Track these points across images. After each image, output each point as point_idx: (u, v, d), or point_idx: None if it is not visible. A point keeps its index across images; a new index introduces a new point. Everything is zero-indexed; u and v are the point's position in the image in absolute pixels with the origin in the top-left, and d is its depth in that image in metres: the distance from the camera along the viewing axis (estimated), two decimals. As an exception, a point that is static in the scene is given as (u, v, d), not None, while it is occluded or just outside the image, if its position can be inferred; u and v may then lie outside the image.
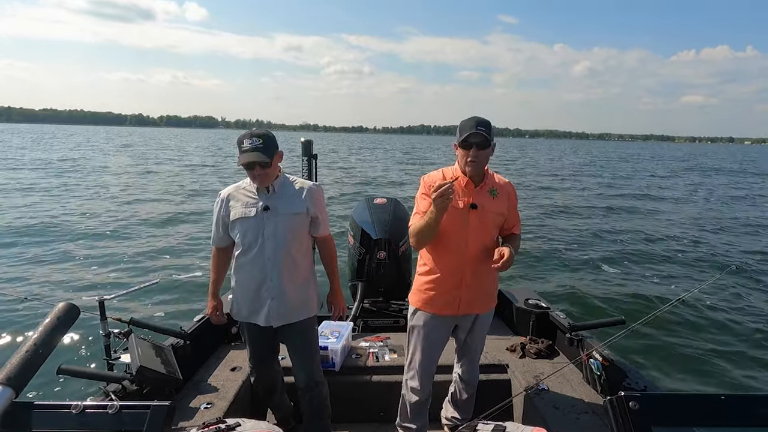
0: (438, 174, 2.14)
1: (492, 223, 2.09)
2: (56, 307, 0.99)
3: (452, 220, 2.00)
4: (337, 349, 2.71)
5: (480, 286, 2.11)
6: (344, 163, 33.53)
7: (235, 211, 2.11)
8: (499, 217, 2.10)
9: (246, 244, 2.10)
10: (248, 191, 2.14)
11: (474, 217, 2.03)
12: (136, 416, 0.81)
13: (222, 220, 2.16)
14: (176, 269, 7.40)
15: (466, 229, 2.03)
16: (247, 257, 2.11)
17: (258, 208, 2.08)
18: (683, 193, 19.42)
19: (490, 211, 2.06)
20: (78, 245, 8.78)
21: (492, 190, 2.10)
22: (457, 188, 2.01)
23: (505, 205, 2.11)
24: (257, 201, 2.10)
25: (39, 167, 22.92)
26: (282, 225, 2.08)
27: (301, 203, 2.13)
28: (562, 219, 12.64)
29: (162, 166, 27.06)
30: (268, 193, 2.11)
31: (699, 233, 11.06)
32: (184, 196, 15.65)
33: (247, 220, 2.08)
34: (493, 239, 2.11)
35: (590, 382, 2.54)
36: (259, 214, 2.08)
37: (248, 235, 2.09)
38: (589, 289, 6.84)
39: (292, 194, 2.14)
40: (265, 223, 2.07)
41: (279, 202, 2.10)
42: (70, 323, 0.99)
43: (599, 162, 42.09)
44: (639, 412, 0.77)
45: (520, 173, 27.32)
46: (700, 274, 7.68)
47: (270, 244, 2.08)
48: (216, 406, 2.32)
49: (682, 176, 29.13)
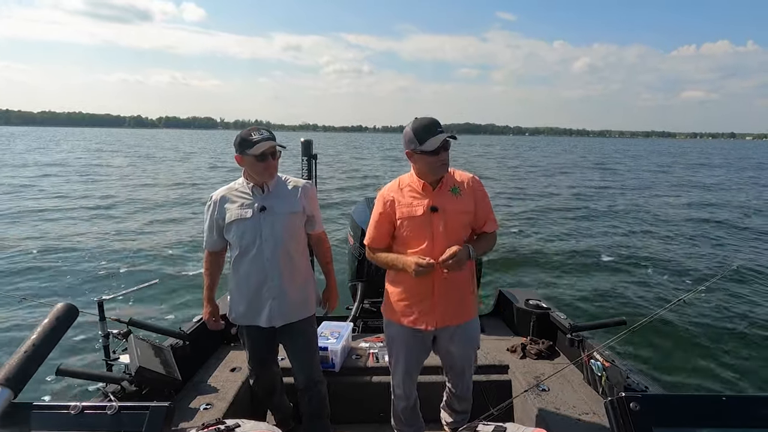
0: (394, 184, 2.04)
1: (458, 225, 1.95)
2: (55, 308, 0.99)
3: (414, 227, 1.91)
4: (337, 349, 2.70)
5: (453, 294, 1.98)
6: (343, 163, 33.51)
7: (231, 212, 2.06)
8: (465, 216, 1.97)
9: (244, 246, 2.06)
10: (242, 192, 2.10)
11: (437, 220, 1.91)
12: (135, 417, 0.81)
13: (216, 223, 2.11)
14: (176, 269, 7.41)
15: (430, 235, 1.91)
16: (246, 259, 2.07)
17: (254, 208, 2.05)
18: (684, 192, 19.40)
19: (453, 211, 1.93)
20: (77, 245, 8.77)
21: (454, 188, 1.97)
22: (414, 193, 1.95)
23: (471, 202, 1.97)
24: (253, 201, 2.07)
25: (63, 174, 22.01)
26: (279, 225, 2.06)
27: (297, 202, 2.11)
28: (562, 219, 12.64)
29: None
30: (263, 193, 2.08)
31: (701, 233, 11.06)
32: (184, 195, 15.65)
33: (244, 221, 2.05)
34: (462, 241, 1.95)
35: (591, 383, 2.53)
36: (255, 215, 2.05)
37: (246, 236, 2.05)
38: (590, 289, 6.84)
39: (288, 193, 2.12)
40: (263, 224, 2.04)
41: (275, 202, 2.07)
42: (69, 323, 0.99)
43: (596, 158, 42.23)
44: (640, 413, 0.77)
45: (515, 173, 27.31)
46: (701, 274, 7.66)
47: (268, 245, 2.05)
48: (215, 407, 2.31)
49: (681, 173, 29.04)
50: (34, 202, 13.63)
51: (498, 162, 38.10)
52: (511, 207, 14.31)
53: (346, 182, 20.74)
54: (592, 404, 2.35)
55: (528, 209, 13.88)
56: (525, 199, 16.25)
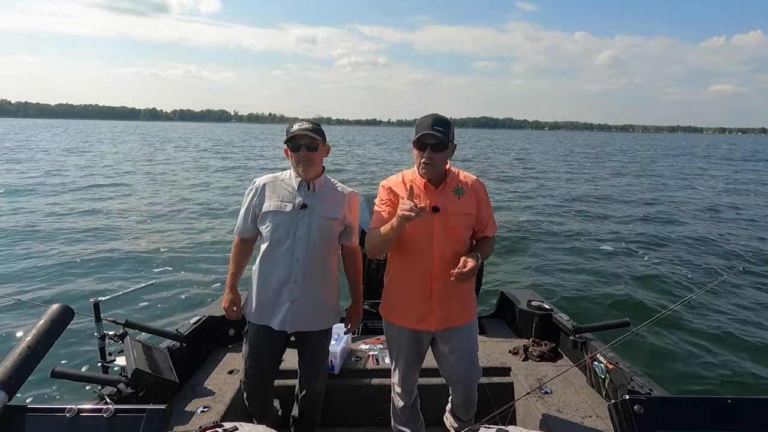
0: (398, 178, 2.02)
1: (460, 226, 1.93)
2: (50, 309, 0.98)
3: (414, 227, 1.84)
4: (336, 351, 2.67)
5: (453, 295, 1.94)
6: (350, 157, 33.28)
7: (270, 202, 1.99)
8: (467, 217, 1.95)
9: (275, 240, 1.98)
10: (287, 184, 2.03)
11: (438, 221, 1.89)
12: (131, 420, 0.81)
13: (253, 209, 2.03)
14: (173, 270, 7.36)
15: (430, 236, 1.89)
16: (274, 254, 1.99)
17: (295, 204, 1.98)
18: (688, 191, 19.40)
19: (455, 212, 1.91)
20: (73, 246, 8.71)
21: (457, 189, 1.95)
22: (416, 192, 1.91)
23: (473, 204, 1.96)
24: (296, 196, 2.00)
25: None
26: (316, 227, 1.98)
27: (339, 209, 2.05)
28: (563, 219, 12.64)
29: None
30: (309, 191, 2.01)
31: (703, 234, 11.08)
32: (189, 195, 15.58)
33: (281, 214, 1.97)
34: (463, 243, 1.95)
35: (594, 386, 2.51)
36: (294, 211, 1.97)
37: (279, 230, 1.97)
38: (593, 290, 6.82)
39: (333, 197, 2.05)
40: (299, 222, 1.97)
41: (318, 203, 2.00)
42: (65, 325, 0.98)
43: (598, 155, 42.24)
44: (644, 416, 0.77)
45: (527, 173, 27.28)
46: (706, 274, 7.64)
47: (301, 244, 1.97)
48: (213, 409, 2.29)
49: (689, 173, 28.96)
50: (31, 201, 13.54)
51: (512, 157, 37.65)
52: (512, 207, 14.33)
53: (349, 179, 20.65)
54: (596, 407, 2.34)
55: (529, 210, 13.88)
56: (525, 200, 16.26)
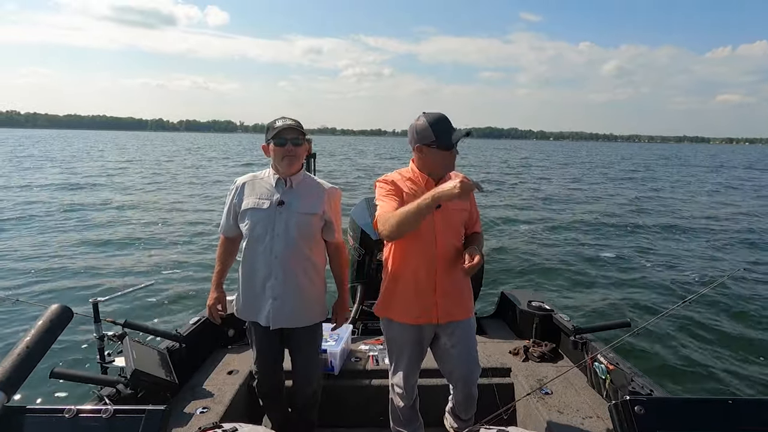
0: (395, 174, 2.04)
1: (458, 221, 2.02)
2: (49, 309, 0.97)
3: None
4: (336, 352, 2.66)
5: (455, 289, 2.01)
6: (350, 165, 33.39)
7: (248, 200, 2.03)
8: (464, 213, 2.03)
9: (254, 237, 2.01)
10: (266, 182, 2.06)
11: (439, 216, 1.93)
12: (130, 421, 0.81)
13: (234, 208, 2.07)
14: (171, 270, 7.35)
15: (432, 230, 1.94)
16: (254, 251, 2.02)
17: (272, 201, 2.00)
18: (689, 194, 19.44)
19: (454, 208, 1.97)
20: (72, 246, 8.70)
21: None
22: (416, 188, 1.95)
23: (467, 200, 2.03)
24: (273, 193, 2.02)
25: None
26: (293, 223, 1.99)
27: (318, 204, 2.05)
28: (564, 219, 12.65)
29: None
30: (286, 187, 2.03)
31: (705, 233, 11.09)
32: (184, 195, 15.59)
33: (259, 211, 2.00)
34: (461, 238, 2.04)
35: (595, 386, 2.51)
36: (272, 208, 2.00)
37: (257, 228, 2.00)
38: (594, 291, 6.83)
39: (311, 193, 2.06)
40: (276, 219, 1.99)
41: (295, 199, 2.02)
42: (64, 325, 0.97)
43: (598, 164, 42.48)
44: (644, 417, 0.77)
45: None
46: (706, 275, 7.66)
47: (279, 242, 1.99)
48: (212, 410, 2.28)
49: (692, 178, 29.02)
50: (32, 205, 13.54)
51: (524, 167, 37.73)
52: (513, 207, 14.33)
53: (348, 183, 20.67)
54: (596, 407, 2.33)
55: (528, 209, 13.89)
56: (525, 199, 16.27)
